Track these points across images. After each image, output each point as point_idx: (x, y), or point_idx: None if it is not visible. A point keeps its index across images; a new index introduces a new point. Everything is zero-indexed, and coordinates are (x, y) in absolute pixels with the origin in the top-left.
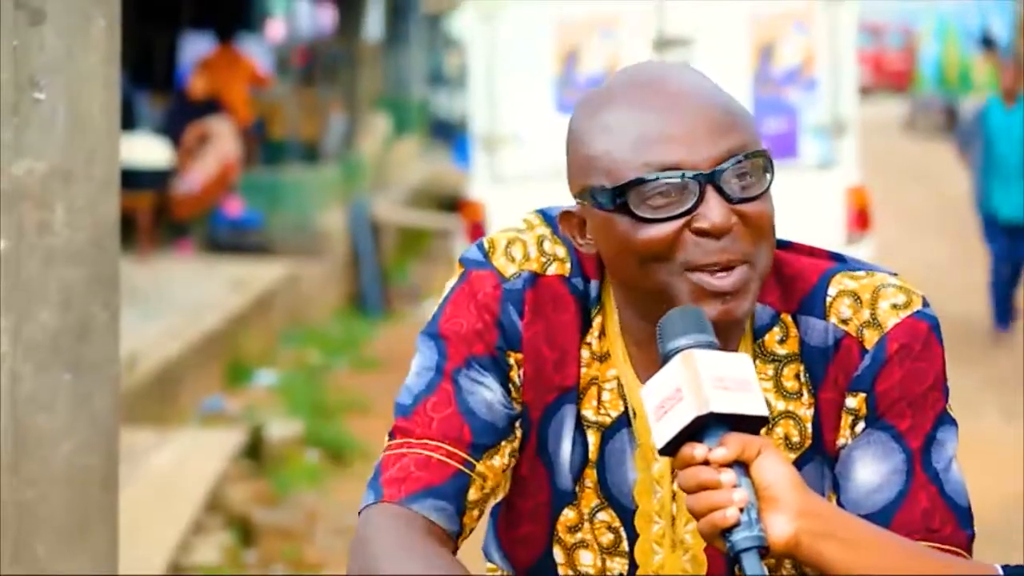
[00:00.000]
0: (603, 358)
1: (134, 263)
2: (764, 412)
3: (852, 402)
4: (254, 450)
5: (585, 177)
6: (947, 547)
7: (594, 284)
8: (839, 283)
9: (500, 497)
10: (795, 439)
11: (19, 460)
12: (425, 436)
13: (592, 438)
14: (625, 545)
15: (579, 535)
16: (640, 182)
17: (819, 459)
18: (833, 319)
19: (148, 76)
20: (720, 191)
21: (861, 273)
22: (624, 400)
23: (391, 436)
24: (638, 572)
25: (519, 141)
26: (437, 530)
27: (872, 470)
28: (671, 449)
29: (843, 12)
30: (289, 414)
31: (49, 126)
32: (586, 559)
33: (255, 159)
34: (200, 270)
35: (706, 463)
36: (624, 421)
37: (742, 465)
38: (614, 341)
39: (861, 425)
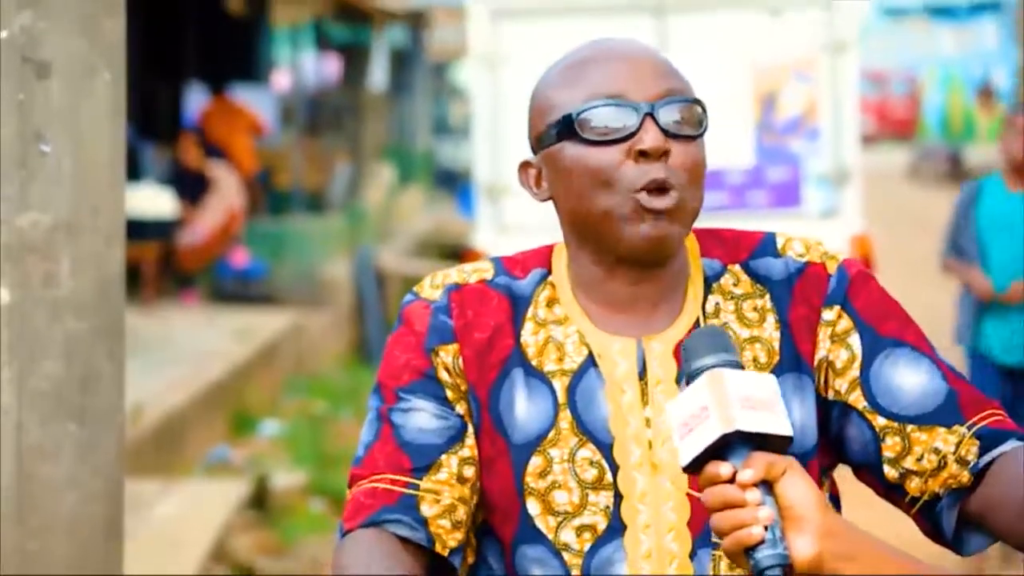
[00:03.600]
0: (560, 322)
1: (139, 313)
2: (789, 432)
3: (829, 315)
4: (259, 500)
5: (540, 124)
6: (1004, 420)
7: (536, 272)
8: (783, 236)
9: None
10: (763, 360)
11: (25, 510)
12: (372, 474)
13: (559, 384)
14: (609, 477)
15: (550, 477)
16: (587, 107)
17: (795, 373)
18: (790, 254)
19: (154, 127)
20: (656, 123)
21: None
22: (588, 347)
23: (348, 487)
24: (623, 502)
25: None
26: (397, 539)
27: (914, 377)
28: (695, 467)
29: (845, 61)
30: (294, 463)
31: (55, 179)
32: (561, 498)
33: (260, 209)
34: (205, 320)
35: (731, 482)
36: (590, 363)
37: (767, 484)
38: (569, 304)
39: (856, 340)
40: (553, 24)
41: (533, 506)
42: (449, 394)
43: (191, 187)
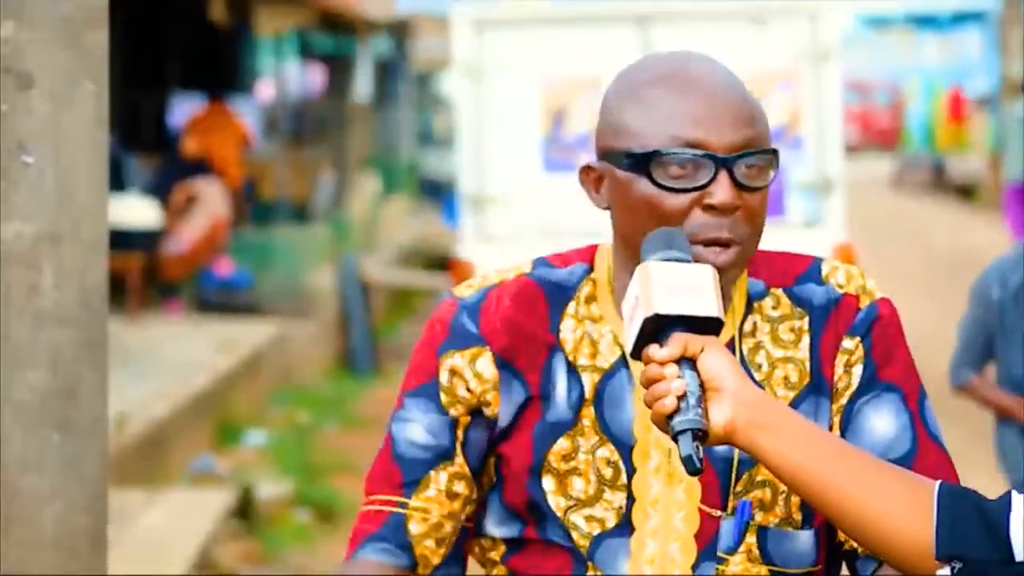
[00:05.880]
0: (596, 320)
1: (124, 324)
2: (714, 313)
3: (848, 343)
4: (243, 510)
5: (614, 140)
6: None
7: (578, 265)
8: (829, 264)
9: (474, 496)
10: (794, 379)
11: (8, 521)
12: (369, 491)
13: (588, 379)
14: (624, 479)
15: (572, 463)
16: (665, 152)
17: (816, 395)
18: (831, 283)
19: (138, 138)
20: (731, 175)
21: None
22: (620, 347)
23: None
24: (635, 505)
25: (507, 200)
26: (384, 566)
27: (886, 424)
28: (639, 354)
29: (828, 71)
30: (279, 474)
31: (37, 189)
32: (578, 485)
33: (245, 219)
34: (190, 330)
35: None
36: (622, 363)
37: (691, 361)
38: (606, 304)
39: (859, 370)
40: (537, 34)
41: (549, 482)
42: (444, 400)
43: (183, 176)
